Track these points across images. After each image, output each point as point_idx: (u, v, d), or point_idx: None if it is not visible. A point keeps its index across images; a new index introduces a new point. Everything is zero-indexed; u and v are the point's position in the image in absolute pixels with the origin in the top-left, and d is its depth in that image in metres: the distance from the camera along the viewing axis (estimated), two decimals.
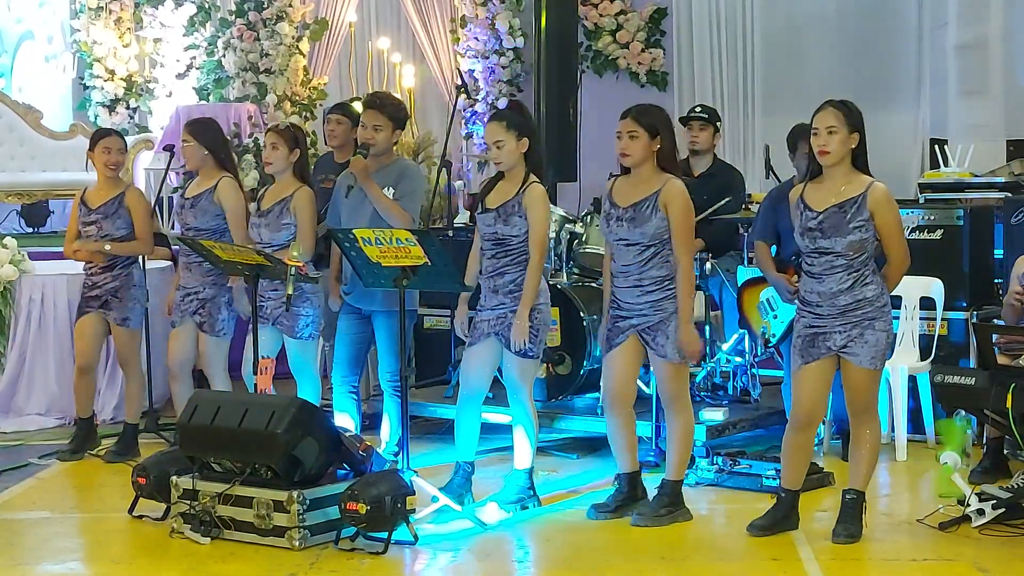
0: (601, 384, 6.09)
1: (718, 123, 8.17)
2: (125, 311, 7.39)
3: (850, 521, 5.65)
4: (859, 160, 5.56)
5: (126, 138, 10.88)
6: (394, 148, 6.77)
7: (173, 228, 9.44)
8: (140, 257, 7.43)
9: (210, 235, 6.97)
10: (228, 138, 7.46)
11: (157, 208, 7.71)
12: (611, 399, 6.04)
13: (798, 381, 5.66)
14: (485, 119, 11.63)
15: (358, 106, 8.65)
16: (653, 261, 5.83)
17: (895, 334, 5.65)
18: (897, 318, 7.52)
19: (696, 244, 7.42)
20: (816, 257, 5.54)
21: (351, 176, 6.62)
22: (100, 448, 7.58)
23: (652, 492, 6.09)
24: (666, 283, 5.83)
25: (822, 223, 5.49)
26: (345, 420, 6.77)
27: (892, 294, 7.44)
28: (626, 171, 5.96)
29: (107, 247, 7.32)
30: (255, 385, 6.42)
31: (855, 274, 5.51)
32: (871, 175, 5.58)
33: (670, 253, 5.84)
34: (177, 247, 7.43)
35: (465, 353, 6.22)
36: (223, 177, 7.10)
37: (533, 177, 6.08)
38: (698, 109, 8.30)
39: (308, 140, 11.61)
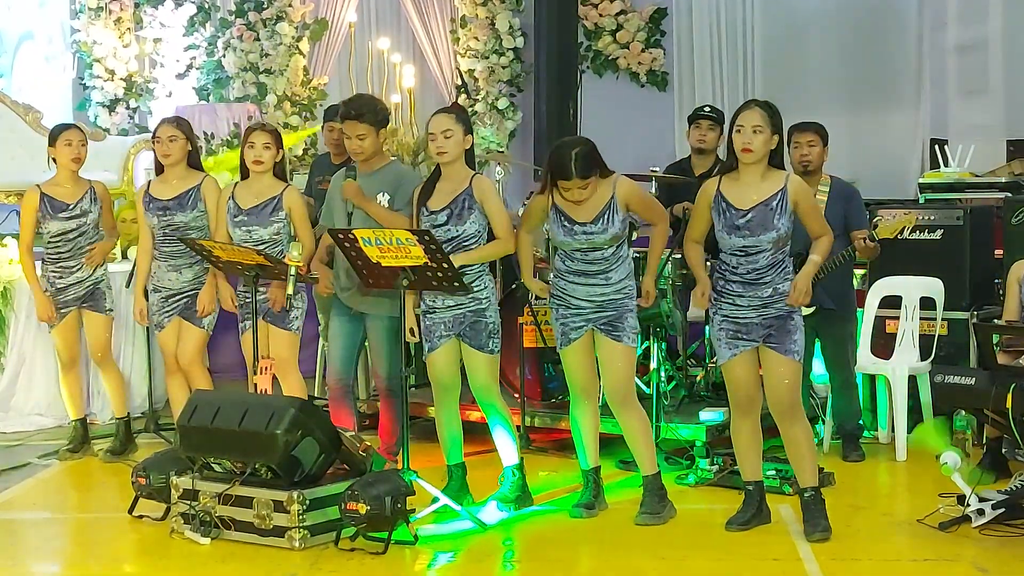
0: (568, 380, 6.07)
1: (723, 125, 8.16)
2: (110, 300, 7.49)
3: (818, 518, 5.68)
4: (775, 160, 5.62)
5: (126, 138, 10.97)
6: (384, 149, 6.71)
7: None
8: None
9: (199, 232, 7.03)
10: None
11: None
12: (581, 391, 6.05)
13: (728, 371, 5.69)
14: (486, 119, 11.70)
15: None
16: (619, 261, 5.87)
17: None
18: (896, 318, 7.54)
19: None
20: (741, 255, 5.59)
21: (352, 182, 6.54)
22: (97, 449, 7.58)
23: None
24: (625, 281, 5.88)
25: (749, 221, 5.54)
26: (342, 419, 6.76)
27: (891, 293, 7.53)
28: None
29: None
30: (255, 385, 6.43)
31: (778, 267, 5.57)
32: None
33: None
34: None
35: (429, 359, 6.16)
36: (207, 176, 7.20)
37: (473, 170, 6.10)
38: (707, 109, 8.26)
39: (308, 140, 11.69)
